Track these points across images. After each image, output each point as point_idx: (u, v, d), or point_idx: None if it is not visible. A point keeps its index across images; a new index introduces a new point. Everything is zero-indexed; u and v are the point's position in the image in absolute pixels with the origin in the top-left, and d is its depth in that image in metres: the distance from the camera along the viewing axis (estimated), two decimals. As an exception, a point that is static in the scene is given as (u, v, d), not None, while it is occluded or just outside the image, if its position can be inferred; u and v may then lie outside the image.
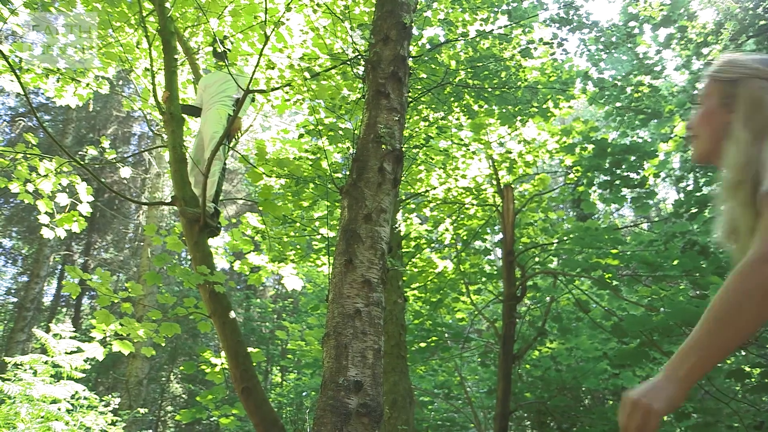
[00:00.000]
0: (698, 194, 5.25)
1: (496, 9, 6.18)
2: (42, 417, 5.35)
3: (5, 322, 18.36)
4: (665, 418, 6.73)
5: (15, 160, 4.94)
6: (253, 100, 5.36)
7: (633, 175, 5.67)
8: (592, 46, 7.89)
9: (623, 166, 5.64)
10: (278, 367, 17.44)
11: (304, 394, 12.95)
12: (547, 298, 6.65)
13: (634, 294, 5.83)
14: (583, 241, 5.56)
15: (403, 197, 7.33)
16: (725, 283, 1.14)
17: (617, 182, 5.70)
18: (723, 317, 1.13)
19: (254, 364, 4.01)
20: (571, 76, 6.70)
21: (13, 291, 18.97)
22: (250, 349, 4.00)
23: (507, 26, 6.21)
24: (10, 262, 19.16)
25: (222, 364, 4.97)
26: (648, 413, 1.13)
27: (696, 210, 5.30)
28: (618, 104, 7.51)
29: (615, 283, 5.55)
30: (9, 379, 5.48)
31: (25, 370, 5.63)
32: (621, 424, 1.16)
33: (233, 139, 5.10)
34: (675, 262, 4.93)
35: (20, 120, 15.49)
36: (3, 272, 19.43)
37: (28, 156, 4.93)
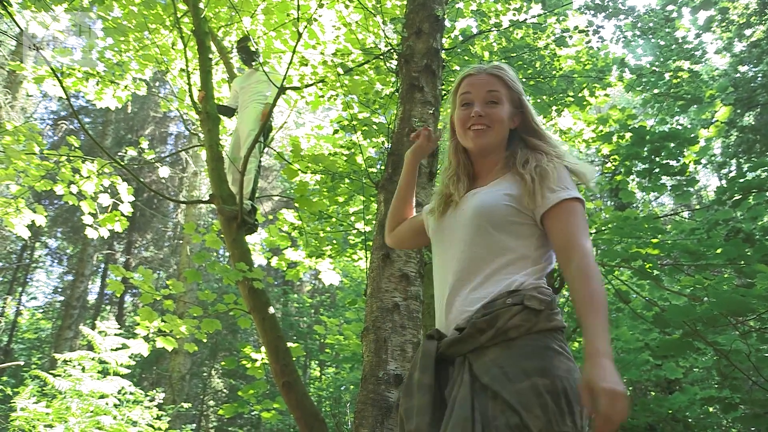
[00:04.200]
0: (742, 180, 5.08)
1: (529, -2, 6.10)
2: (91, 411, 5.51)
3: (53, 320, 18.95)
4: (710, 409, 6.58)
5: (59, 162, 5.09)
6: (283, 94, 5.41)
7: (673, 163, 5.53)
8: (629, 32, 7.72)
9: (662, 154, 5.50)
10: (317, 362, 17.60)
11: (342, 388, 13.06)
12: (587, 289, 6.54)
13: (676, 284, 5.69)
14: (622, 231, 5.44)
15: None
16: (591, 283, 1.35)
17: (656, 170, 5.57)
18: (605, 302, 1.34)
19: (294, 358, 4.05)
20: (607, 64, 6.57)
21: (59, 290, 19.56)
22: (289, 344, 4.05)
23: (541, 15, 6.13)
24: (56, 261, 19.77)
25: (262, 359, 5.05)
26: (624, 398, 1.14)
27: (740, 196, 5.14)
28: (656, 91, 7.32)
29: (656, 272, 5.43)
30: (59, 375, 5.67)
31: (74, 366, 5.80)
32: (605, 415, 1.13)
33: (268, 137, 5.15)
34: (718, 251, 4.79)
35: (62, 123, 15.93)
36: (50, 272, 20.08)
37: (71, 158, 5.08)
